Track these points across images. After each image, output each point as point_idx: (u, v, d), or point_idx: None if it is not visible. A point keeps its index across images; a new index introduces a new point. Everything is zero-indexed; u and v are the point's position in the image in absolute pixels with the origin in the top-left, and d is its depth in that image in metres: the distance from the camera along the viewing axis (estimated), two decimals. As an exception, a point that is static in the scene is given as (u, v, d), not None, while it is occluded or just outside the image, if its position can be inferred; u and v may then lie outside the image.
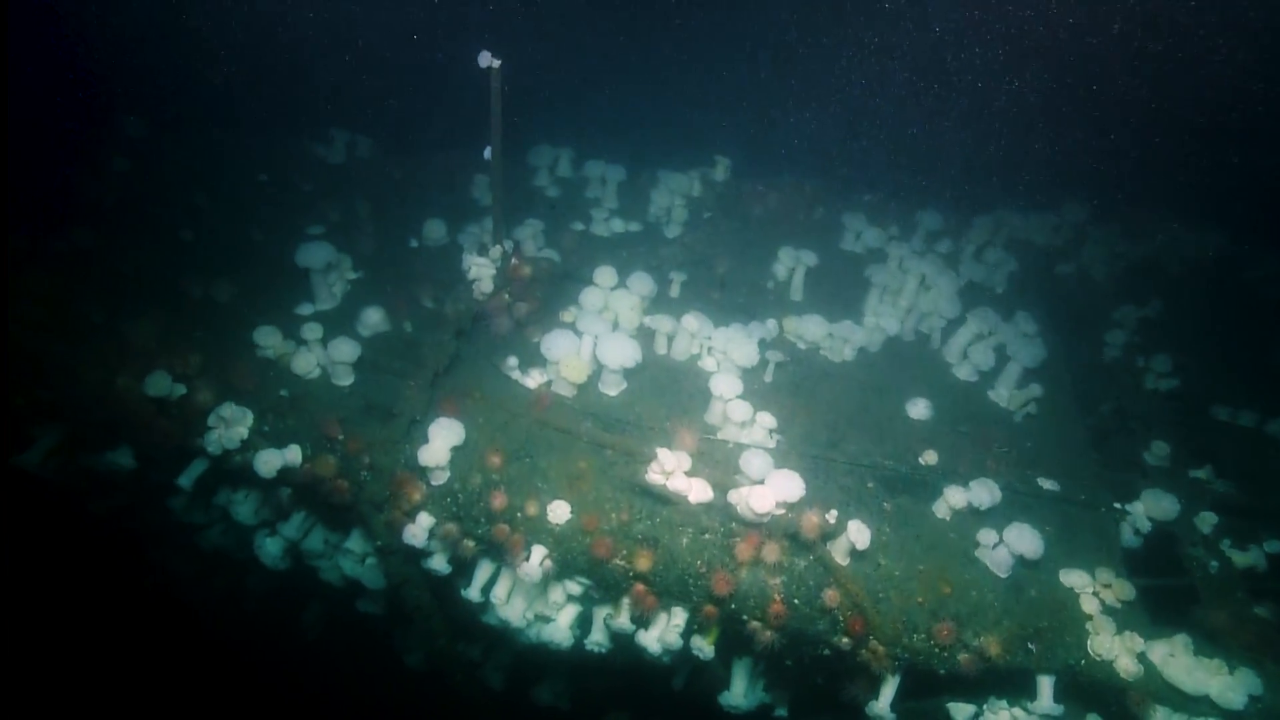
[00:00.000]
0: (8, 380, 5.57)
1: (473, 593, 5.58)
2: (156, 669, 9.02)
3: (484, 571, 5.64)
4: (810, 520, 4.94)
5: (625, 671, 6.20)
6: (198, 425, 5.47)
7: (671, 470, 5.03)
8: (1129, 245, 8.14)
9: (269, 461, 5.19)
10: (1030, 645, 4.73)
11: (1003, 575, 5.12)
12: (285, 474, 5.33)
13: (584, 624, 5.69)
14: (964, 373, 6.74)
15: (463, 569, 5.66)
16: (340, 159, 8.31)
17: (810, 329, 6.68)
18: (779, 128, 8.65)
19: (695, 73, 8.78)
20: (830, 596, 4.89)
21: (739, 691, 5.78)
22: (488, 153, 5.28)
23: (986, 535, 5.16)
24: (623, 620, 5.34)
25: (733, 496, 5.01)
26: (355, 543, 6.19)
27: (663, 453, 5.08)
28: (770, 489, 4.92)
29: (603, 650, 5.61)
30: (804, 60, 8.47)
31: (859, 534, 4.96)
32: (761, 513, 4.88)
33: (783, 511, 5.00)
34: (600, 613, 5.62)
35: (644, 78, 8.64)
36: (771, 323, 6.80)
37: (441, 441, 5.22)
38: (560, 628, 5.59)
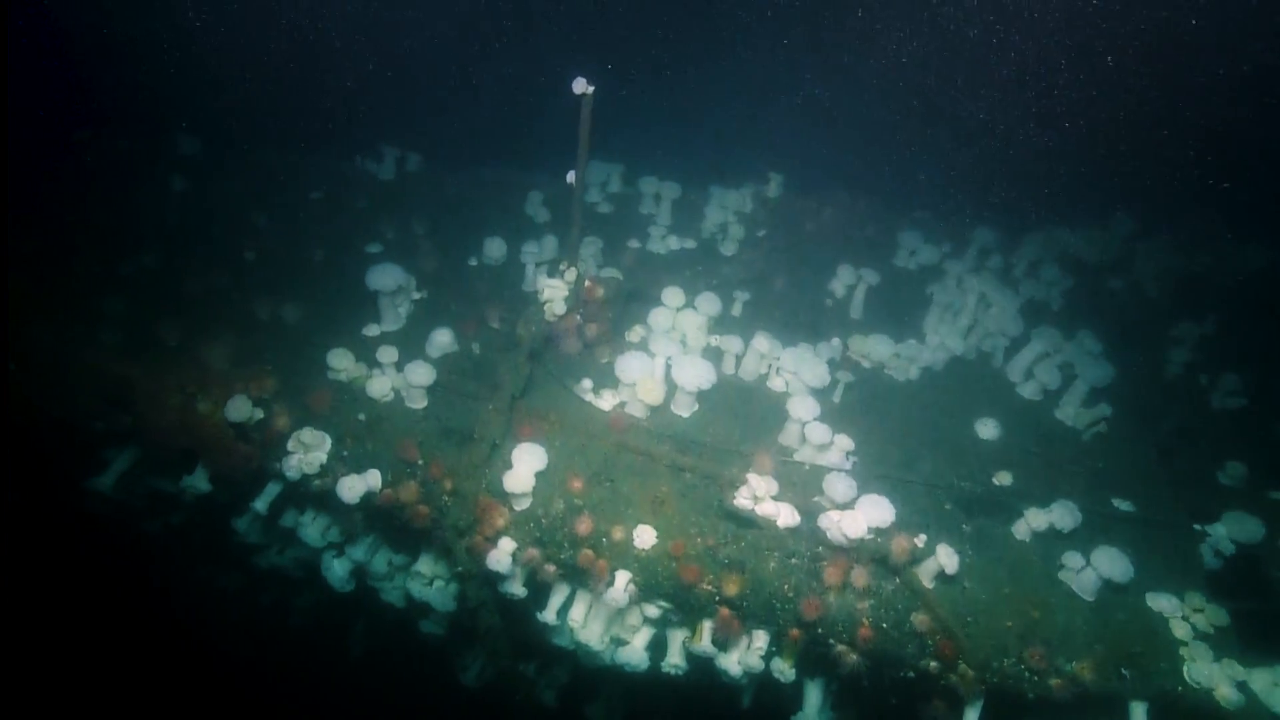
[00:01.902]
0: (82, 403, 5.58)
1: (548, 616, 5.59)
2: (197, 682, 9.03)
3: (559, 595, 5.65)
4: (901, 544, 4.95)
5: (689, 691, 6.21)
6: (277, 450, 5.47)
7: (762, 495, 5.04)
8: (1180, 259, 8.15)
9: (353, 487, 5.18)
10: (1124, 671, 4.74)
11: (1089, 599, 5.12)
12: (366, 499, 5.32)
13: (658, 645, 5.70)
14: (1029, 391, 6.75)
15: (537, 592, 5.68)
16: (391, 175, 8.31)
17: (877, 348, 6.69)
18: (829, 143, 8.67)
19: (745, 88, 8.81)
20: (921, 621, 4.89)
21: (812, 712, 5.79)
22: (571, 176, 5.29)
23: (1072, 558, 5.17)
24: (704, 643, 5.35)
25: (823, 521, 5.02)
26: (425, 565, 6.18)
27: (753, 478, 5.08)
28: (862, 514, 4.93)
29: (679, 673, 5.61)
30: (854, 77, 8.50)
31: (948, 558, 4.97)
32: (854, 538, 4.89)
33: (871, 536, 5.02)
34: (676, 635, 5.62)
35: (694, 94, 8.66)
36: (836, 341, 6.81)
37: (525, 467, 5.21)
38: (637, 650, 5.59)
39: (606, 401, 5.99)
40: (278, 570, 7.23)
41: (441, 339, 6.18)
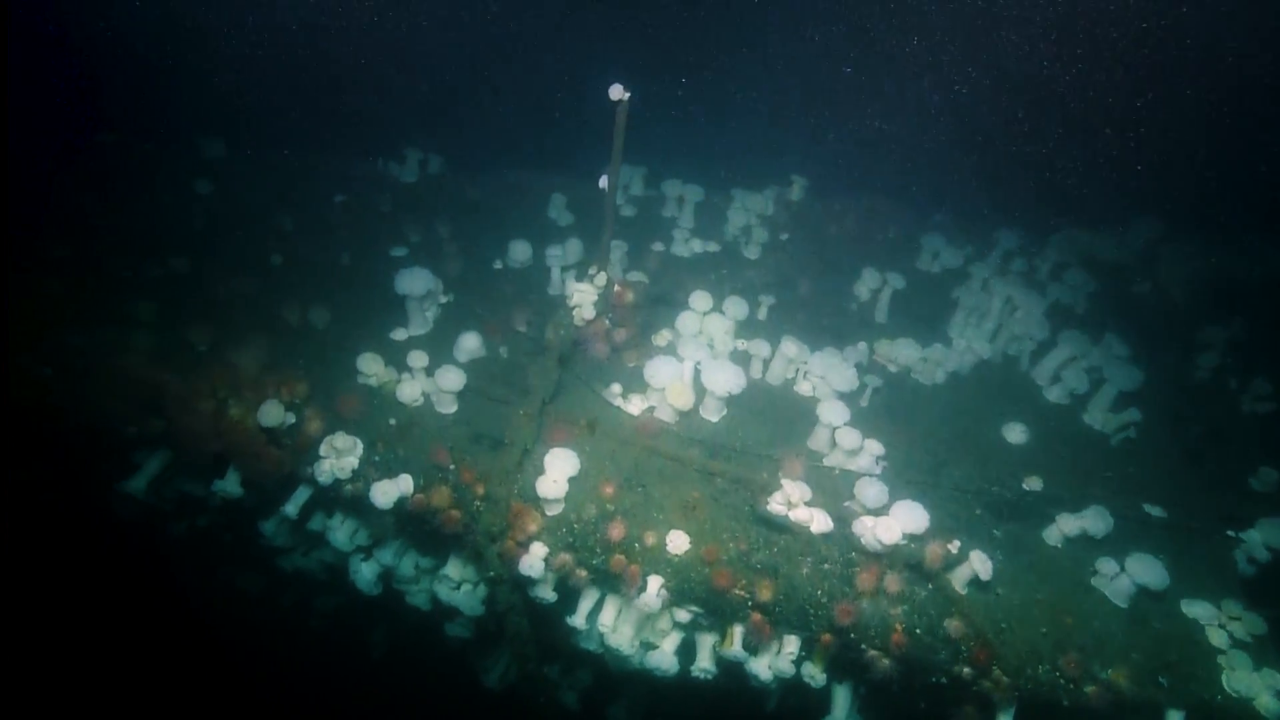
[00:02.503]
0: (115, 408, 5.59)
1: (578, 620, 5.59)
2: (217, 683, 9.07)
3: (589, 599, 5.66)
4: (934, 550, 4.95)
5: (712, 693, 6.22)
6: (309, 454, 5.48)
7: (795, 501, 5.03)
8: (1205, 262, 8.12)
9: (386, 492, 5.19)
10: (1161, 679, 4.72)
11: (1123, 605, 5.10)
12: (398, 504, 5.33)
13: (686, 649, 5.71)
14: (1055, 395, 6.73)
15: (567, 596, 5.68)
16: (413, 178, 8.32)
17: (903, 352, 6.68)
18: (853, 146, 8.66)
19: (766, 91, 8.81)
20: (954, 627, 4.88)
21: (840, 716, 5.78)
22: (603, 182, 5.28)
23: (1106, 565, 5.15)
24: (735, 648, 5.35)
25: (857, 527, 5.01)
26: (453, 569, 6.19)
27: (787, 483, 5.08)
28: (897, 520, 4.93)
29: (708, 677, 5.61)
30: (875, 80, 8.49)
31: (982, 564, 4.96)
32: (889, 544, 4.89)
33: (905, 542, 5.01)
34: (705, 639, 5.63)
35: (718, 96, 8.65)
36: (862, 345, 6.80)
37: (559, 472, 5.22)
38: (666, 654, 5.59)
39: (635, 406, 5.99)
40: (301, 572, 7.26)
41: (469, 343, 6.18)
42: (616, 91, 4.69)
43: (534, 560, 5.27)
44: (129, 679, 8.82)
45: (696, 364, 6.00)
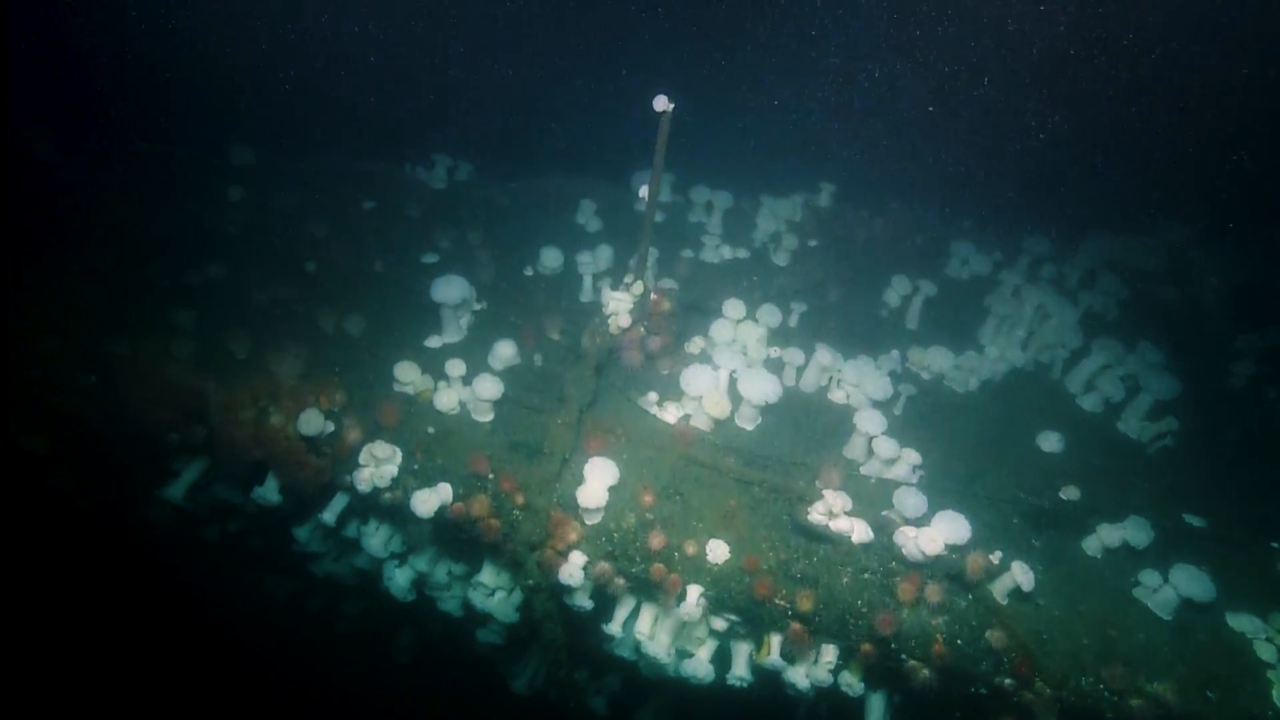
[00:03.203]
0: (159, 416, 5.64)
1: (614, 627, 5.61)
2: (242, 685, 9.12)
3: (625, 607, 5.67)
4: (976, 561, 4.94)
5: (743, 700, 6.22)
6: (348, 462, 5.51)
7: (837, 511, 5.03)
8: (1236, 268, 8.06)
9: (426, 501, 5.21)
10: (1208, 693, 4.70)
11: (1167, 618, 5.08)
12: (439, 513, 5.35)
13: (720, 657, 5.71)
14: (1090, 403, 6.70)
15: (602, 604, 5.69)
16: (442, 184, 8.34)
17: (936, 360, 6.66)
18: (879, 151, 8.65)
19: (794, 97, 8.80)
20: (996, 638, 4.86)
21: (875, 725, 5.78)
22: (643, 191, 5.28)
23: (1149, 576, 5.12)
24: (773, 657, 5.35)
25: (899, 537, 5.01)
26: (488, 576, 6.21)
27: (829, 493, 5.08)
28: (939, 530, 4.92)
29: (744, 685, 5.62)
30: (903, 86, 8.49)
31: (1024, 575, 4.95)
32: (931, 555, 4.88)
33: (947, 552, 5.00)
34: (740, 647, 5.63)
35: (746, 102, 8.66)
36: (895, 353, 6.79)
37: (599, 481, 5.23)
38: (702, 662, 5.60)
39: (670, 414, 6.00)
40: (331, 577, 7.30)
41: (505, 351, 6.20)
42: (661, 103, 4.70)
43: (573, 569, 5.28)
44: (155, 680, 8.90)
45: (732, 372, 6.00)
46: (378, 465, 5.46)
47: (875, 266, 7.86)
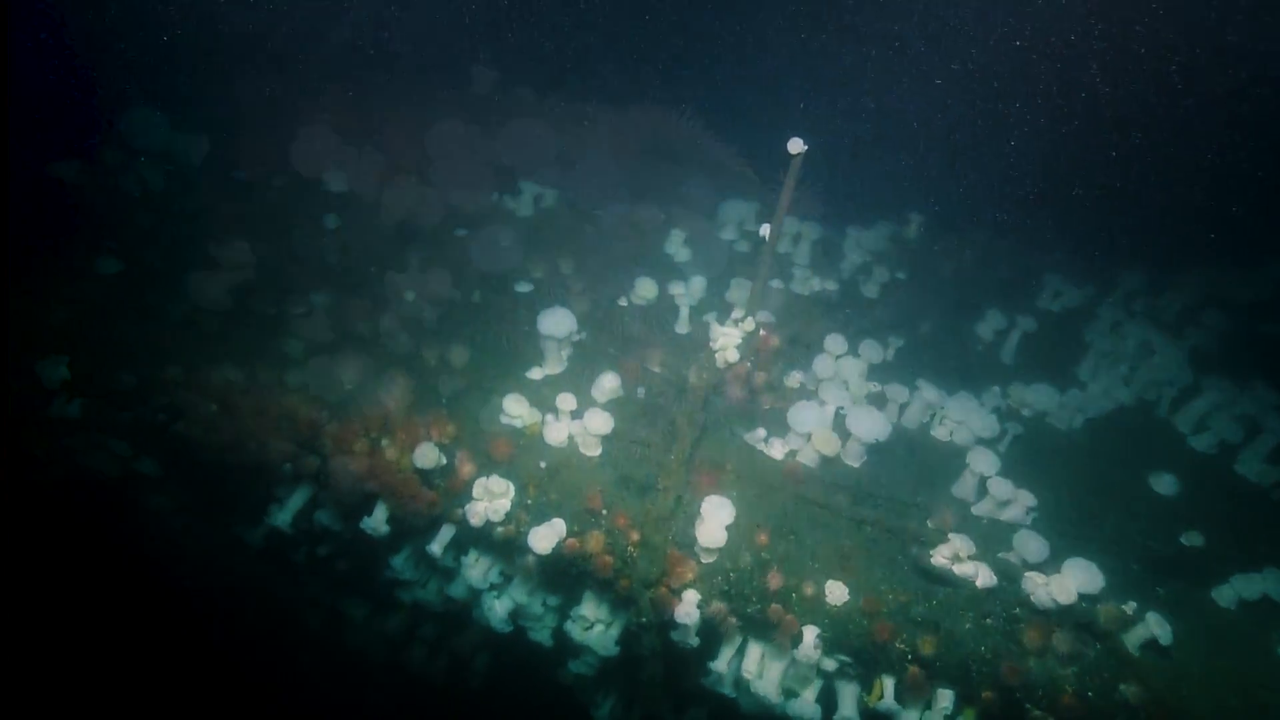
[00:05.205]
0: (275, 446, 5.71)
1: (720, 665, 5.55)
2: (311, 706, 9.16)
3: (732, 645, 5.61)
4: (1110, 610, 4.82)
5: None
6: (461, 496, 5.53)
7: (963, 555, 4.94)
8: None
9: (545, 536, 5.20)
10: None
11: (1314, 676, 4.90)
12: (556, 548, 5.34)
13: (824, 696, 5.63)
14: (1203, 444, 6.53)
15: (707, 641, 5.64)
16: (529, 212, 8.41)
17: (1039, 398, 6.55)
18: (967, 181, 8.57)
19: (883, 128, 8.77)
20: (1133, 693, 4.72)
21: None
22: (765, 230, 5.28)
23: (1293, 632, 4.95)
24: (886, 700, 5.25)
25: (1027, 583, 4.90)
26: (587, 609, 6.18)
27: (953, 536, 5.00)
28: (1071, 578, 4.81)
29: (851, 728, 5.52)
30: (991, 117, 8.42)
31: (1160, 627, 4.81)
32: (1065, 603, 4.77)
33: (1078, 600, 4.88)
34: (847, 688, 5.54)
35: (834, 131, 8.65)
36: (995, 389, 6.69)
37: (716, 520, 5.19)
38: (809, 703, 5.52)
39: (777, 450, 5.95)
40: (418, 604, 7.32)
41: (608, 383, 6.19)
42: (796, 145, 4.70)
43: (689, 607, 5.24)
44: (224, 697, 8.97)
45: (839, 408, 5.95)
46: (492, 500, 5.48)
47: (965, 299, 7.77)
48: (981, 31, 8.25)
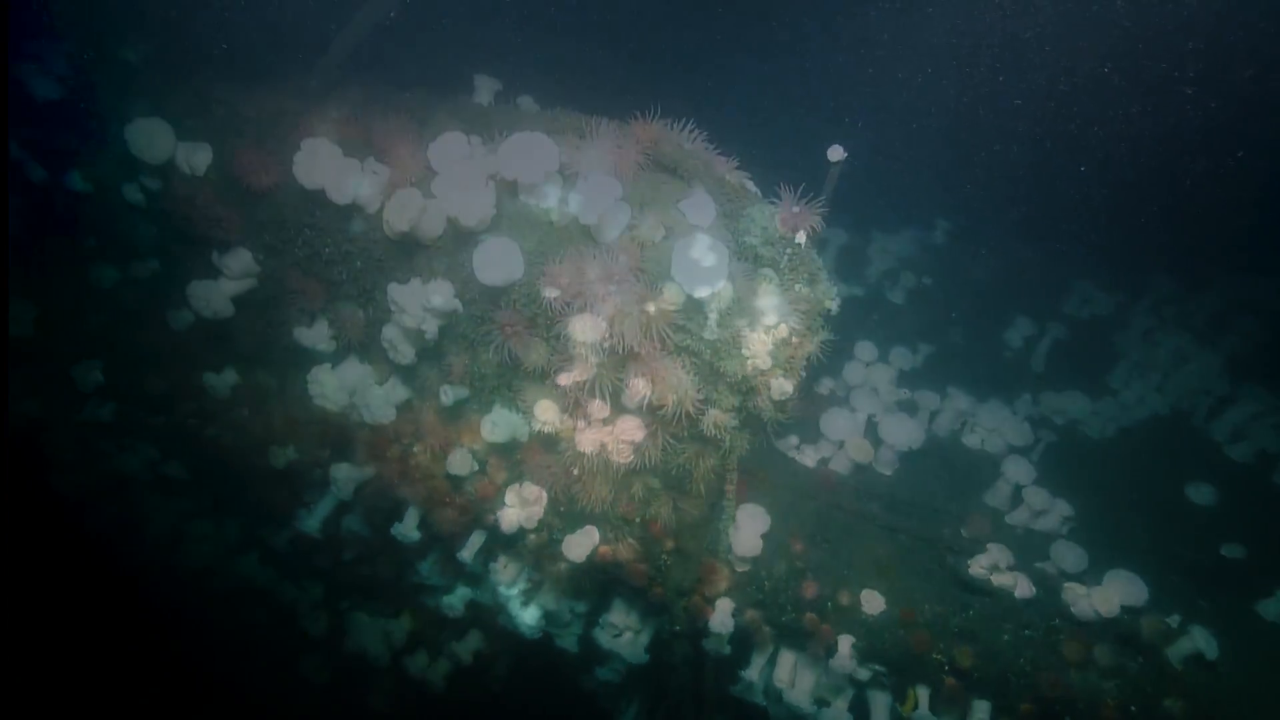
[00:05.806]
0: (308, 450, 5.69)
1: (752, 673, 5.51)
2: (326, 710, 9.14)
3: (764, 654, 5.56)
4: (1153, 623, 4.75)
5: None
6: (493, 503, 5.50)
7: (1002, 565, 4.89)
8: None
9: (579, 545, 5.17)
10: None
11: (1367, 692, 4.81)
12: (590, 556, 5.30)
13: (856, 705, 5.58)
14: (1240, 453, 6.44)
15: (739, 649, 5.59)
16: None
17: (1071, 405, 6.48)
18: (994, 188, 8.49)
19: (907, 133, 8.71)
20: (1179, 708, 4.65)
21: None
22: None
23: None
24: (920, 710, 5.20)
25: (1068, 595, 4.84)
26: (616, 616, 6.14)
27: (992, 546, 4.94)
28: (1114, 590, 4.74)
29: (884, 738, 5.46)
30: (1014, 121, 8.34)
31: (1206, 641, 4.73)
32: (1107, 615, 4.70)
33: (1121, 612, 4.82)
34: (878, 697, 5.49)
35: (861, 138, 8.55)
36: (1026, 397, 6.63)
37: (752, 529, 5.15)
38: (842, 712, 5.47)
39: (809, 457, 5.91)
40: (441, 608, 7.29)
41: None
42: (836, 153, 4.67)
43: (723, 616, 5.20)
44: (242, 700, 8.97)
45: (871, 415, 5.90)
46: (524, 507, 5.44)
47: (993, 305, 7.71)
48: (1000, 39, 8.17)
